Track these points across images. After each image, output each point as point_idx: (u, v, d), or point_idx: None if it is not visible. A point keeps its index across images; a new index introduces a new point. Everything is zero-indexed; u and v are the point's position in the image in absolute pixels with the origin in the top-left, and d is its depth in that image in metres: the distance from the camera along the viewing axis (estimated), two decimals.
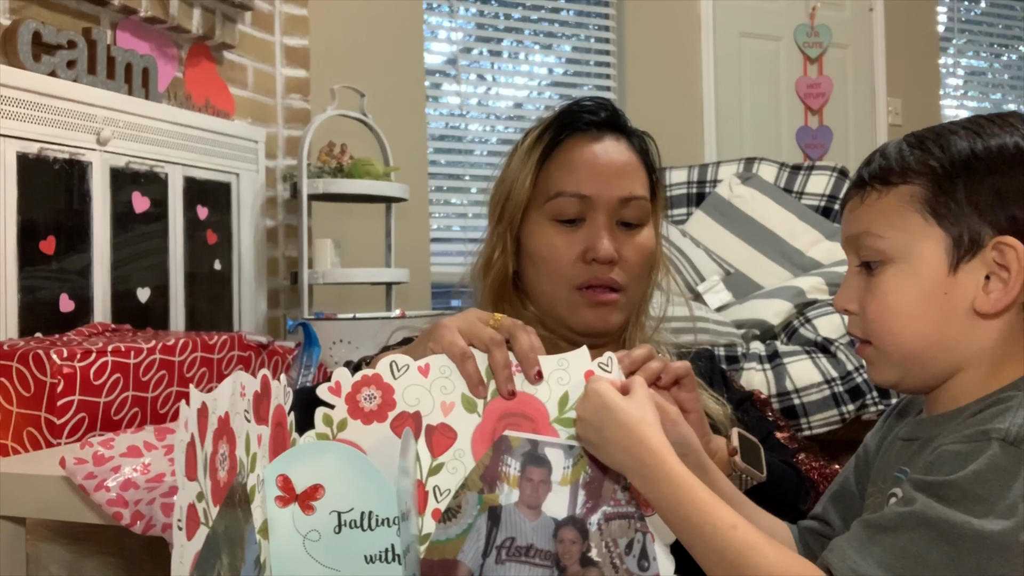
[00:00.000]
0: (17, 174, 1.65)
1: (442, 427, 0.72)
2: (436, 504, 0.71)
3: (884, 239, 0.69)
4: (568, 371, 0.74)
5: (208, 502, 0.62)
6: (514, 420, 0.73)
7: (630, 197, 0.96)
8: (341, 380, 0.71)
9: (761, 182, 2.77)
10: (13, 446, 1.21)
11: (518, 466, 0.72)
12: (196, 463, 0.62)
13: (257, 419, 0.64)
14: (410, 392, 0.72)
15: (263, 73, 2.66)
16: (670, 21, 3.68)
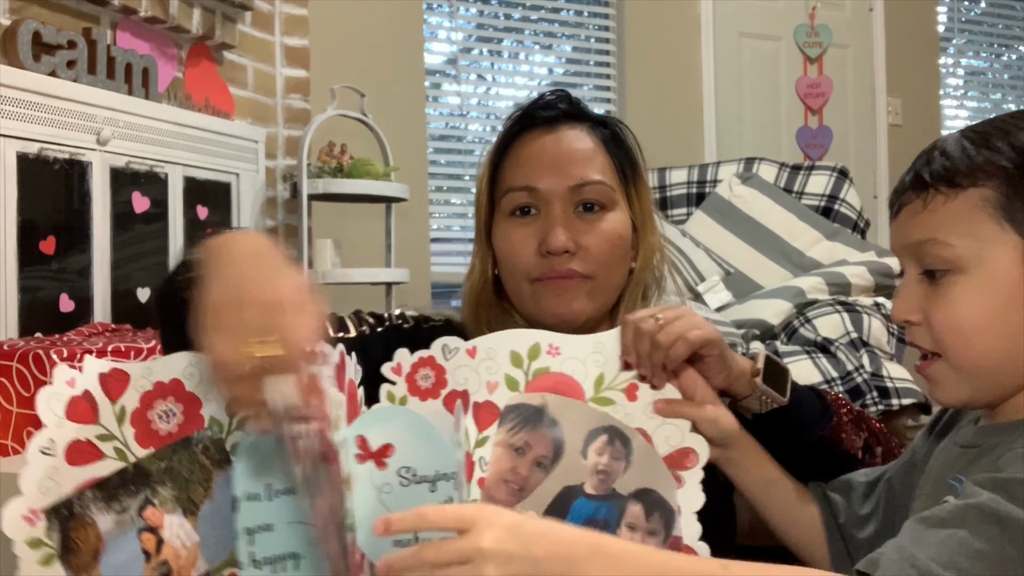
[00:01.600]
0: (17, 174, 1.65)
1: (487, 404, 0.78)
2: (481, 474, 0.77)
3: (953, 247, 0.64)
4: (603, 352, 0.79)
5: (126, 443, 0.67)
6: None
7: (582, 183, 0.94)
8: (402, 361, 0.79)
9: (761, 182, 2.77)
10: (13, 446, 1.21)
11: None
12: (91, 410, 0.66)
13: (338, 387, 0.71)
14: (459, 372, 0.79)
15: (263, 73, 2.66)
16: (670, 21, 3.68)
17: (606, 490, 0.76)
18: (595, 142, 0.98)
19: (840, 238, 2.58)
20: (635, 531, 0.75)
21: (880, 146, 4.06)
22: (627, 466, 0.77)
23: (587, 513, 0.76)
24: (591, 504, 0.76)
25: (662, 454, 0.77)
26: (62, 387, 0.66)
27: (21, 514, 0.63)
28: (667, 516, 0.76)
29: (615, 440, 0.77)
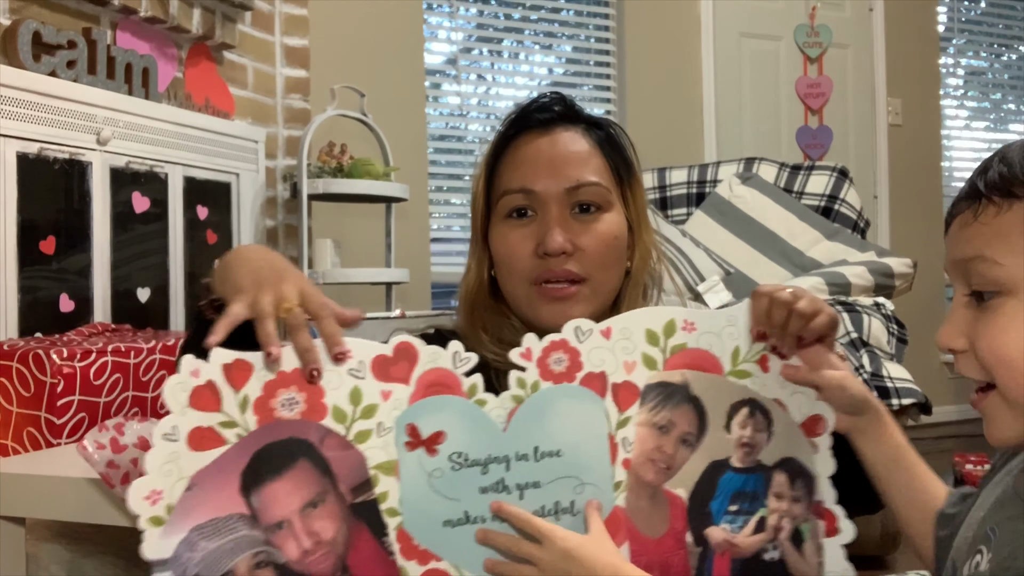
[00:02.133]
0: (17, 174, 1.65)
1: (626, 384, 0.78)
2: (625, 455, 0.77)
3: (1002, 266, 0.58)
4: (736, 325, 0.80)
5: (248, 430, 0.70)
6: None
7: (578, 184, 0.94)
8: (532, 346, 0.78)
9: (761, 182, 2.77)
10: (13, 446, 1.21)
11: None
12: (214, 399, 0.69)
13: (384, 377, 0.73)
14: (595, 354, 0.78)
15: (263, 73, 2.66)
16: (670, 21, 3.68)
17: (752, 462, 0.78)
18: (590, 144, 0.98)
19: (840, 238, 2.58)
20: (782, 499, 0.78)
21: (880, 146, 4.05)
22: (769, 437, 0.79)
23: (736, 486, 0.78)
24: (739, 477, 0.78)
25: (797, 422, 0.79)
26: (187, 377, 0.69)
27: (143, 494, 0.67)
28: (808, 482, 0.79)
29: (756, 412, 0.79)
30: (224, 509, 0.68)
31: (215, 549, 0.67)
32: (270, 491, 0.69)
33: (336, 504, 0.71)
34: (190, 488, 0.67)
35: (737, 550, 0.77)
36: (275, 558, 0.68)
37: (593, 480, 0.76)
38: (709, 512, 0.78)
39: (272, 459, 0.70)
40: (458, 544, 0.74)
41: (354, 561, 0.71)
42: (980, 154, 4.62)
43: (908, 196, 4.10)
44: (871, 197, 3.97)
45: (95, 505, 1.00)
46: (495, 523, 0.75)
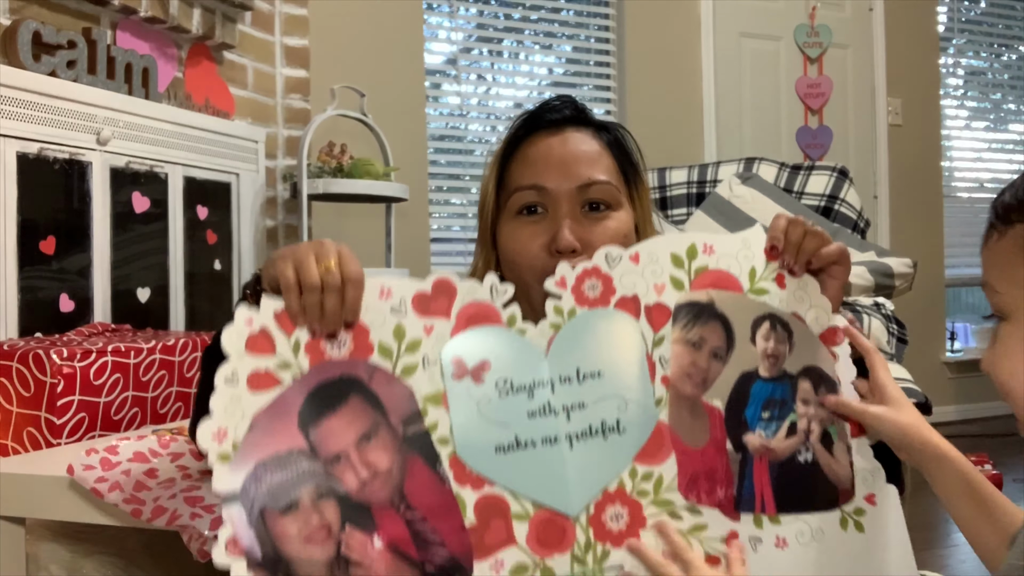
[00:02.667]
0: (17, 174, 1.65)
1: (657, 306, 0.82)
2: (662, 372, 0.81)
3: (999, 294, 0.59)
4: (750, 248, 0.85)
5: (302, 370, 0.74)
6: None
7: (589, 183, 0.96)
8: (566, 274, 0.82)
9: (761, 182, 2.77)
10: (13, 446, 1.21)
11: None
12: (268, 344, 0.73)
13: (425, 313, 0.77)
14: (626, 278, 0.82)
15: (263, 73, 2.66)
16: (670, 21, 3.68)
17: (778, 371, 0.83)
18: (600, 145, 1.01)
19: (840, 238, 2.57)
20: (808, 404, 0.83)
21: (880, 146, 4.06)
22: (791, 347, 0.83)
23: (766, 394, 0.82)
24: (768, 386, 0.83)
25: (816, 333, 0.84)
26: (242, 326, 0.73)
27: (211, 433, 0.70)
28: (831, 388, 0.84)
29: (776, 325, 0.83)
30: (285, 445, 0.71)
31: (279, 482, 0.71)
32: (326, 426, 0.73)
33: (389, 436, 0.74)
34: (252, 427, 0.71)
35: (773, 454, 0.82)
36: (336, 489, 0.72)
37: (636, 398, 0.80)
38: (744, 420, 0.82)
39: (326, 397, 0.73)
40: (511, 469, 0.76)
41: (410, 489, 0.74)
42: (980, 154, 4.62)
43: (908, 196, 4.10)
44: (871, 197, 3.97)
45: (95, 505, 1.00)
46: (545, 446, 0.77)
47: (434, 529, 0.73)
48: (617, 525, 0.78)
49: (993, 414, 4.32)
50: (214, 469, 0.70)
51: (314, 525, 0.71)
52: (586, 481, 0.77)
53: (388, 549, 0.72)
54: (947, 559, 2.41)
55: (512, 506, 0.76)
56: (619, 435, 0.79)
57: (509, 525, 0.76)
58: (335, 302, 0.75)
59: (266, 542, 0.69)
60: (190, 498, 0.94)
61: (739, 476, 0.80)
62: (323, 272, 0.75)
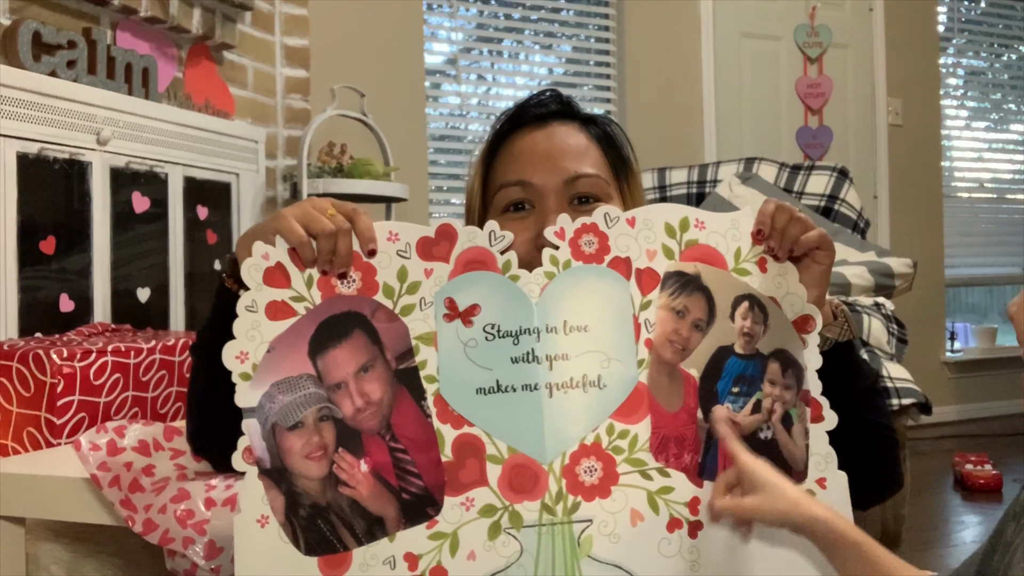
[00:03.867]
0: (17, 174, 1.65)
1: (648, 271, 0.84)
2: (647, 335, 0.83)
3: None
4: (738, 229, 0.87)
5: (315, 304, 0.80)
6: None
7: (576, 176, 0.95)
8: (565, 226, 0.83)
9: (761, 182, 2.77)
10: (13, 446, 1.21)
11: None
12: (284, 278, 0.80)
13: (427, 257, 0.81)
14: (621, 240, 0.84)
15: (263, 73, 2.66)
16: (670, 21, 3.68)
17: (751, 350, 0.85)
18: (587, 138, 0.99)
19: (840, 238, 2.58)
20: (775, 385, 0.85)
21: (880, 146, 4.06)
22: (765, 329, 0.86)
23: (738, 370, 0.85)
24: (740, 362, 0.85)
25: (789, 319, 0.86)
26: (259, 260, 0.79)
27: (234, 354, 0.78)
28: (798, 372, 0.86)
29: (755, 306, 0.86)
30: (296, 369, 0.78)
31: (289, 402, 0.78)
32: (332, 356, 0.79)
33: (383, 369, 0.79)
34: (270, 351, 0.78)
35: (737, 428, 0.84)
36: (335, 413, 0.78)
37: (619, 356, 0.82)
38: (716, 392, 0.84)
39: (333, 329, 0.79)
40: (489, 411, 0.79)
41: (397, 421, 0.79)
42: (980, 154, 4.62)
43: (908, 196, 4.10)
44: (871, 197, 3.97)
45: (95, 505, 1.00)
46: (525, 392, 0.80)
47: (413, 460, 0.79)
48: (590, 478, 0.80)
49: (993, 414, 4.33)
50: (237, 386, 0.77)
51: (314, 444, 0.78)
52: (562, 431, 0.79)
53: (372, 473, 0.78)
54: (947, 559, 2.41)
55: (487, 447, 0.79)
56: (599, 390, 0.81)
57: (483, 466, 0.79)
58: (348, 243, 0.79)
59: (275, 454, 0.77)
60: (181, 516, 0.94)
61: (705, 444, 0.83)
62: (330, 218, 0.79)
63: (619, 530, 0.79)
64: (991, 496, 3.04)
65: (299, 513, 0.77)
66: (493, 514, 0.78)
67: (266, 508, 0.77)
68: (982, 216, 4.62)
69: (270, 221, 0.82)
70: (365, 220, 0.81)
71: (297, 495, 0.77)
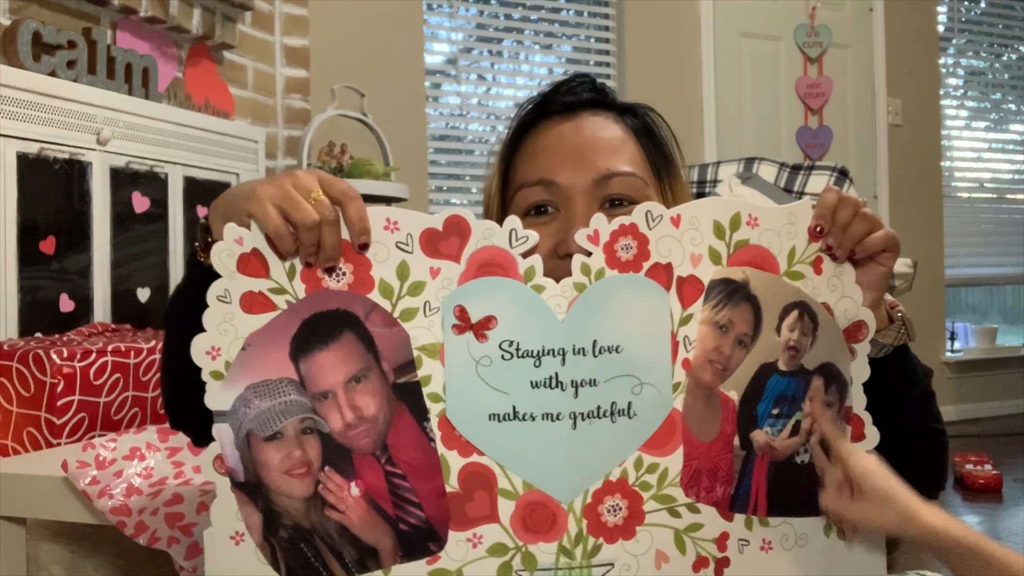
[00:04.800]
0: (17, 174, 1.65)
1: (691, 279, 0.73)
2: (685, 354, 0.73)
3: None
4: (795, 224, 0.75)
5: (297, 298, 0.69)
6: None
7: (609, 174, 0.82)
8: (600, 228, 0.72)
9: (761, 182, 2.77)
10: (13, 446, 1.21)
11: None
12: (261, 266, 0.69)
13: (433, 253, 0.69)
14: (663, 243, 0.73)
15: (263, 73, 2.66)
16: (670, 21, 3.68)
17: (796, 366, 0.76)
18: (623, 130, 0.87)
19: None
20: (814, 403, 0.76)
21: (880, 146, 4.06)
22: (813, 341, 0.76)
23: (780, 390, 0.76)
24: (783, 381, 0.76)
25: (840, 327, 0.77)
26: (231, 244, 0.68)
27: (205, 349, 0.68)
28: (842, 388, 0.77)
29: (804, 315, 0.76)
30: (275, 372, 0.69)
31: (267, 409, 0.69)
32: (317, 360, 0.69)
33: (379, 382, 0.70)
34: (245, 348, 0.68)
35: (775, 453, 0.76)
36: (320, 427, 0.69)
37: (653, 380, 0.72)
38: (755, 415, 0.75)
39: (319, 328, 0.69)
40: (503, 440, 0.70)
41: (394, 442, 0.70)
42: (980, 154, 4.62)
43: (908, 196, 4.10)
44: (871, 197, 3.97)
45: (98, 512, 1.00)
46: (545, 422, 0.70)
47: (413, 488, 0.70)
48: (614, 518, 0.72)
49: (993, 414, 4.33)
50: (207, 385, 0.68)
51: (295, 459, 0.69)
52: (586, 467, 0.71)
53: (364, 498, 0.70)
54: None
55: (500, 480, 0.70)
56: (629, 420, 0.71)
57: (494, 500, 0.70)
58: (335, 236, 0.67)
59: (249, 466, 0.69)
60: (171, 515, 0.94)
61: (740, 474, 0.75)
62: (314, 205, 0.66)
63: (642, 573, 0.72)
64: (991, 496, 3.04)
65: (279, 534, 0.69)
66: (504, 554, 0.70)
67: (240, 525, 0.69)
68: (982, 216, 4.62)
69: (244, 198, 0.69)
70: (357, 207, 0.68)
71: (276, 514, 0.69)
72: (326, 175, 0.69)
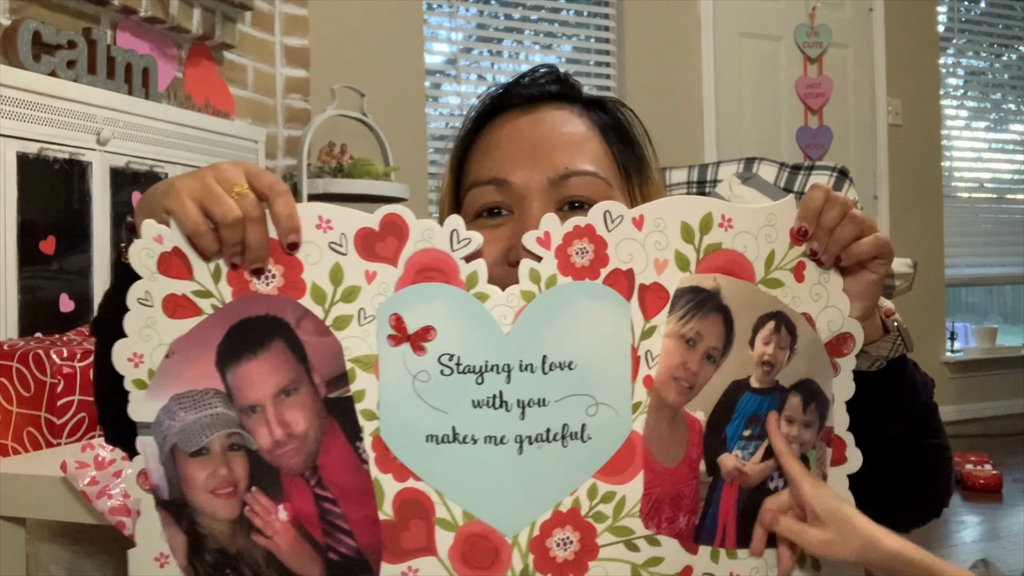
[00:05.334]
0: (17, 174, 1.65)
1: (655, 287, 0.66)
2: (647, 371, 0.66)
3: None
4: (775, 226, 0.68)
5: (224, 301, 0.64)
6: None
7: (567, 174, 0.75)
8: (551, 230, 0.64)
9: (761, 182, 2.77)
10: (13, 446, 1.21)
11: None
12: (184, 267, 0.63)
13: (369, 256, 0.63)
14: (624, 247, 0.65)
15: (263, 73, 2.66)
16: (670, 21, 3.68)
17: (770, 383, 0.68)
18: (587, 126, 0.80)
19: None
20: (792, 424, 0.69)
21: (880, 146, 4.06)
22: (791, 355, 0.68)
23: (752, 408, 0.68)
24: (756, 399, 0.68)
25: (823, 340, 0.69)
26: (150, 243, 0.63)
27: (126, 356, 0.64)
28: (822, 407, 0.70)
29: (781, 327, 0.68)
30: (201, 382, 0.64)
31: (193, 422, 0.64)
32: (245, 371, 0.63)
33: (309, 396, 0.64)
34: (169, 355, 0.63)
35: (745, 479, 0.69)
36: (248, 443, 0.64)
37: (610, 400, 0.65)
38: (724, 437, 0.68)
39: (247, 336, 0.63)
40: (441, 464, 0.63)
41: (325, 462, 0.64)
42: (980, 154, 4.62)
43: (908, 196, 4.10)
44: (871, 197, 3.97)
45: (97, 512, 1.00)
46: (488, 446, 0.63)
47: (344, 514, 0.64)
48: (564, 552, 0.65)
49: (993, 414, 4.33)
50: (130, 394, 0.64)
51: (221, 477, 0.64)
52: (533, 496, 0.64)
53: (292, 523, 0.64)
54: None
55: (437, 509, 0.64)
56: (582, 443, 0.64)
57: (431, 531, 0.64)
58: (260, 234, 0.61)
59: (174, 483, 0.64)
60: None
61: (706, 502, 0.68)
62: (237, 199, 0.61)
63: None
64: (991, 496, 3.04)
65: (204, 558, 0.65)
66: None
67: (165, 546, 0.65)
68: (982, 216, 4.62)
69: (163, 194, 0.63)
70: (285, 202, 0.62)
71: (201, 536, 0.65)
72: (254, 168, 0.63)
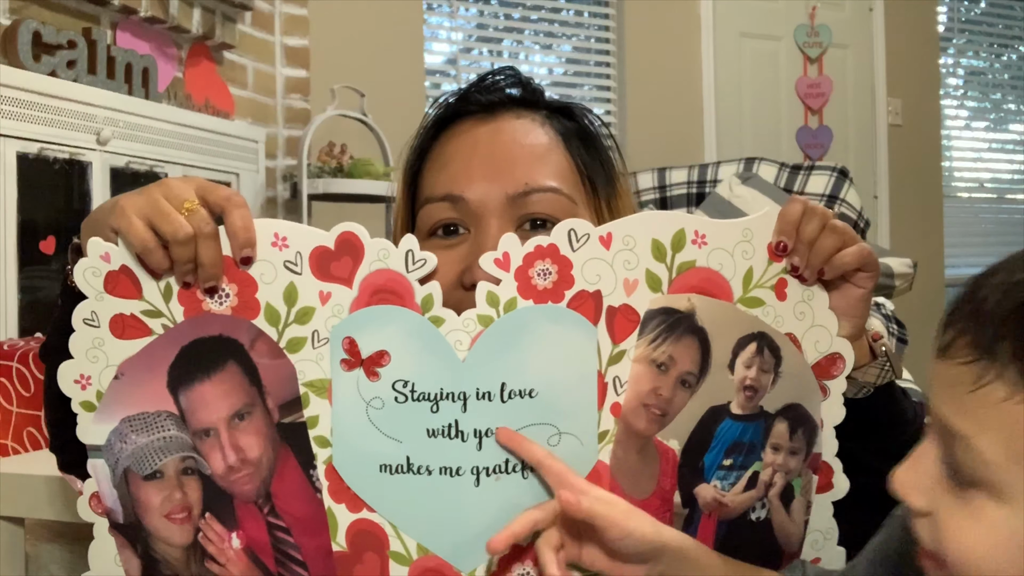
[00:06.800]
0: (17, 174, 1.65)
1: (624, 309, 0.62)
2: (615, 398, 0.62)
3: (989, 465, 0.43)
4: (752, 243, 0.64)
5: (175, 321, 0.62)
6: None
7: (527, 190, 0.70)
8: (510, 251, 0.61)
9: (761, 182, 2.77)
10: (13, 446, 1.21)
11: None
12: (132, 286, 0.62)
13: (324, 276, 0.61)
14: (590, 267, 0.62)
15: (263, 73, 2.67)
16: (670, 21, 3.68)
17: (753, 408, 0.65)
18: (550, 136, 0.75)
19: None
20: (778, 452, 0.66)
21: (880, 146, 4.06)
22: (775, 379, 0.65)
23: (733, 436, 0.65)
24: (737, 426, 0.65)
25: (810, 361, 0.66)
26: (96, 261, 0.61)
27: (73, 378, 0.62)
28: (810, 433, 0.66)
29: (764, 349, 0.64)
30: (153, 404, 0.62)
31: (145, 445, 0.63)
32: (198, 393, 0.62)
33: (263, 421, 0.62)
34: (118, 376, 0.62)
35: (725, 510, 0.65)
36: (201, 467, 0.63)
37: (574, 429, 0.62)
38: (701, 467, 0.64)
39: (201, 357, 0.62)
40: (395, 495, 0.61)
41: (278, 490, 0.62)
42: (980, 154, 4.62)
43: (908, 196, 4.10)
44: (871, 197, 3.97)
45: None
46: (443, 477, 0.60)
47: (298, 545, 0.62)
48: None
49: None
50: (78, 416, 0.63)
51: (176, 501, 0.63)
52: (491, 530, 0.60)
53: (245, 551, 0.63)
54: None
55: (391, 542, 0.62)
56: (543, 475, 0.61)
57: (385, 565, 0.62)
58: (212, 251, 0.59)
59: (128, 507, 0.64)
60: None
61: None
62: (187, 216, 0.59)
63: None
64: None
65: None
66: None
67: (119, 571, 0.63)
68: (982, 216, 4.62)
69: (109, 212, 0.61)
70: (242, 214, 0.60)
71: (156, 561, 0.63)
72: (206, 182, 0.61)
